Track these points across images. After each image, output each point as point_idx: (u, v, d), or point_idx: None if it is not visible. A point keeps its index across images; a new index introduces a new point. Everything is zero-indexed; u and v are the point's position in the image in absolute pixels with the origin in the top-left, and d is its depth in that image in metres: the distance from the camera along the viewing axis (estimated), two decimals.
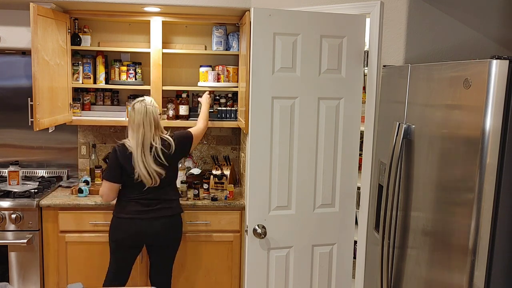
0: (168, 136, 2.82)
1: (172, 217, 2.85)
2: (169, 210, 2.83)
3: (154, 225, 2.79)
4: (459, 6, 2.30)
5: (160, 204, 2.80)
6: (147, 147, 2.72)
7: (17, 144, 3.72)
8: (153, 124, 2.74)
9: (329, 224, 2.55)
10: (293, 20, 2.31)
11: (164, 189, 2.82)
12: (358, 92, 2.48)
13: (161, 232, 2.81)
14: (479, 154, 1.44)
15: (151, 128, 2.74)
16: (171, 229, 2.86)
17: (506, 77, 1.39)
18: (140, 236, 2.80)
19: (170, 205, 2.84)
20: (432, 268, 1.71)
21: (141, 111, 2.73)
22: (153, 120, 2.74)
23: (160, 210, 2.80)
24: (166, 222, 2.82)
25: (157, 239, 2.83)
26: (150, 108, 2.75)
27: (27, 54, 3.56)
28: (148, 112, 2.73)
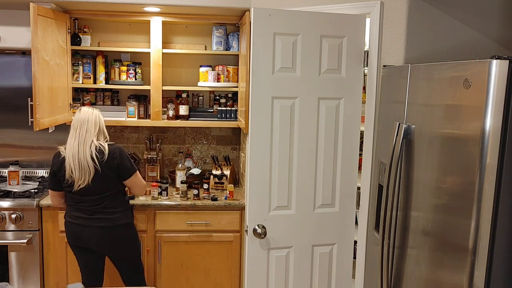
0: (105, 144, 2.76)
1: (111, 228, 2.77)
2: (108, 221, 2.76)
3: (91, 233, 2.75)
4: (459, 6, 2.30)
5: (98, 214, 2.75)
6: (88, 143, 2.71)
7: (17, 144, 3.72)
8: (97, 125, 2.77)
9: (329, 224, 2.55)
10: (293, 20, 2.31)
11: (103, 199, 2.75)
12: (358, 92, 2.48)
13: (100, 241, 2.77)
14: (479, 154, 1.44)
15: (95, 128, 2.76)
16: (112, 239, 2.79)
17: (506, 77, 1.39)
18: (80, 239, 2.79)
19: (108, 216, 2.76)
20: (432, 268, 1.71)
21: (88, 111, 2.79)
22: (98, 122, 2.78)
23: (98, 220, 2.75)
24: (104, 233, 2.76)
25: (99, 247, 2.79)
26: (96, 112, 2.81)
27: (27, 54, 3.56)
28: (94, 113, 2.80)
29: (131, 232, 2.89)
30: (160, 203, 3.21)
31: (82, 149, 2.69)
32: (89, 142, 2.71)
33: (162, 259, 3.27)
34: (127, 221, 2.84)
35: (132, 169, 2.81)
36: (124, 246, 2.86)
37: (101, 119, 2.82)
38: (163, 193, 3.29)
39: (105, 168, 2.71)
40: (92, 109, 2.82)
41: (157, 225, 3.24)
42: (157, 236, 3.25)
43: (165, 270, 3.29)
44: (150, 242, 3.25)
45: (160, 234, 3.25)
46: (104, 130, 2.84)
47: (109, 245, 2.80)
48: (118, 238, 2.81)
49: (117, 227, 2.79)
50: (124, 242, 2.85)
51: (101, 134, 2.80)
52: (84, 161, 2.68)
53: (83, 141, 2.71)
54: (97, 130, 2.76)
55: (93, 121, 2.76)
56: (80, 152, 2.69)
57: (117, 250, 2.85)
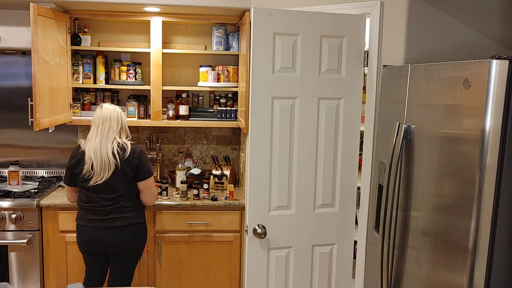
0: (128, 142, 2.76)
1: (126, 227, 2.74)
2: (123, 220, 2.73)
3: (107, 235, 2.72)
4: (459, 6, 2.30)
5: (113, 214, 2.72)
6: (110, 139, 2.70)
7: (17, 144, 3.72)
8: (120, 123, 2.76)
9: (329, 224, 2.55)
10: (293, 20, 2.31)
11: (117, 198, 2.72)
12: (358, 92, 2.48)
13: (116, 241, 2.73)
14: (479, 154, 1.44)
15: (118, 125, 2.75)
16: (127, 238, 2.75)
17: (506, 77, 1.39)
18: (94, 244, 2.75)
19: (123, 215, 2.73)
20: (432, 268, 1.71)
21: (110, 107, 2.78)
22: (120, 119, 2.77)
23: (113, 220, 2.72)
24: (117, 232, 2.73)
25: (113, 247, 2.76)
26: (117, 109, 2.80)
27: (27, 54, 3.56)
28: (116, 110, 2.78)
29: (143, 232, 2.85)
30: (160, 203, 3.21)
31: (104, 145, 2.68)
32: (112, 138, 2.70)
33: (162, 259, 3.27)
34: (141, 220, 2.83)
35: (150, 172, 2.79)
36: (136, 245, 2.83)
37: (123, 116, 2.81)
38: (163, 193, 3.29)
39: (125, 166, 2.69)
40: (113, 106, 2.80)
41: (157, 225, 3.24)
42: (157, 236, 3.25)
43: (165, 270, 3.29)
44: (150, 242, 3.24)
45: (160, 234, 3.25)
46: (126, 128, 2.82)
47: (124, 244, 2.76)
48: (132, 237, 2.78)
49: (132, 226, 2.76)
50: (137, 241, 2.82)
51: (123, 132, 2.79)
52: (106, 157, 2.65)
53: (106, 137, 2.70)
54: (119, 127, 2.76)
55: (116, 118, 2.74)
56: (102, 148, 2.67)
57: (130, 249, 2.81)
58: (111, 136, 2.71)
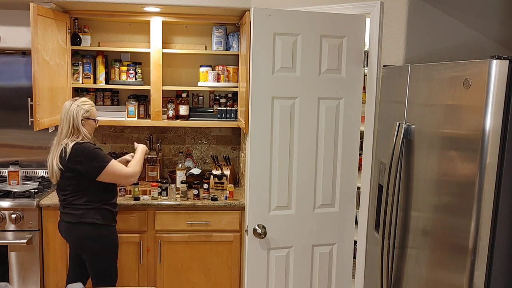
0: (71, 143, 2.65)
1: (75, 224, 2.71)
2: (72, 216, 2.71)
3: (62, 227, 2.80)
4: (459, 6, 2.30)
5: (66, 209, 2.74)
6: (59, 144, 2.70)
7: (17, 144, 3.72)
8: (70, 124, 2.68)
9: (329, 224, 2.55)
10: (293, 20, 2.31)
11: (67, 195, 2.72)
12: (358, 92, 2.48)
13: (66, 236, 2.79)
14: (479, 154, 1.44)
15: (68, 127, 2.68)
16: (76, 236, 2.74)
17: (506, 77, 1.39)
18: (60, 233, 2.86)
19: (73, 212, 2.71)
20: (432, 268, 1.71)
21: (65, 107, 2.73)
22: (71, 120, 2.68)
23: (65, 215, 2.75)
24: (68, 228, 2.75)
25: (68, 241, 2.83)
26: (73, 107, 2.70)
27: (27, 54, 3.56)
28: (70, 109, 2.70)
29: (97, 233, 2.74)
30: (160, 203, 3.21)
31: (55, 152, 2.71)
32: (60, 143, 2.69)
33: (162, 259, 3.27)
34: (94, 221, 2.72)
35: (99, 167, 2.66)
36: (88, 245, 2.76)
37: (76, 115, 2.68)
38: (163, 193, 3.29)
39: (67, 169, 2.66)
40: (70, 103, 2.71)
41: (157, 225, 3.24)
42: (157, 236, 3.25)
43: (165, 270, 3.29)
44: (150, 242, 3.24)
45: (160, 234, 3.25)
46: (79, 127, 2.69)
47: (73, 241, 2.78)
48: (81, 235, 2.73)
49: (81, 224, 2.71)
50: (88, 241, 2.74)
51: (75, 133, 2.69)
52: (52, 165, 2.69)
53: (58, 143, 2.72)
54: (70, 129, 2.68)
55: (66, 120, 2.69)
56: (52, 155, 2.71)
57: (81, 248, 2.78)
58: (60, 140, 2.70)
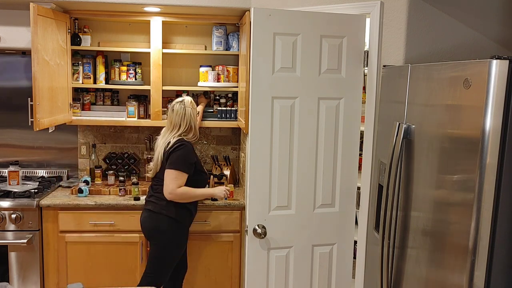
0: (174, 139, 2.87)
1: (154, 213, 2.87)
2: (154, 205, 2.88)
3: (142, 215, 2.96)
4: (459, 6, 2.30)
5: (150, 197, 2.93)
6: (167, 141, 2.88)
7: (17, 144, 3.72)
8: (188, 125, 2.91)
9: (329, 224, 2.55)
10: (293, 20, 2.31)
11: (157, 182, 2.91)
12: (358, 92, 2.48)
13: (142, 222, 2.94)
14: (479, 154, 1.44)
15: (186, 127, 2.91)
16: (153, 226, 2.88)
17: (506, 77, 1.39)
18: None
19: (156, 201, 2.88)
20: (432, 268, 1.71)
21: (179, 110, 2.92)
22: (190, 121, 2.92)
23: (148, 203, 2.93)
24: (146, 216, 2.91)
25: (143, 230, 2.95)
26: (187, 109, 2.92)
27: (27, 54, 3.56)
28: (186, 111, 2.92)
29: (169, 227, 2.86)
30: None
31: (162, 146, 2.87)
32: (169, 139, 2.87)
33: None
34: (170, 216, 2.84)
35: (172, 164, 2.81)
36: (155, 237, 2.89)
37: (193, 116, 2.93)
38: None
39: (165, 158, 2.84)
40: (183, 108, 2.91)
41: None
42: None
43: None
44: None
45: None
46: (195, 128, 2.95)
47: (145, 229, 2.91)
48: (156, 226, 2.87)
49: (159, 215, 2.85)
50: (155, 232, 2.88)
51: (190, 132, 2.92)
52: (157, 158, 2.87)
53: (166, 138, 2.88)
54: (185, 129, 2.90)
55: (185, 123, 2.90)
56: (159, 151, 2.88)
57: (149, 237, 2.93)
58: (168, 138, 2.89)
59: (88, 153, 3.76)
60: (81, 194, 3.26)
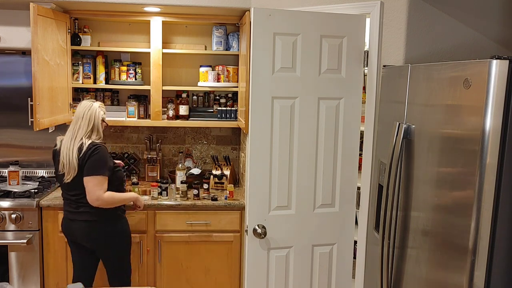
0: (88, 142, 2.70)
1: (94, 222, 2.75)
2: (91, 214, 2.74)
3: (77, 226, 2.77)
4: (459, 6, 2.30)
5: (82, 208, 2.74)
6: (77, 140, 2.70)
7: (17, 144, 3.72)
8: (92, 122, 2.74)
9: (329, 224, 2.55)
10: (293, 20, 2.31)
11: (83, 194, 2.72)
12: (358, 92, 2.48)
13: (84, 235, 2.78)
14: (479, 154, 1.44)
15: (88, 125, 2.73)
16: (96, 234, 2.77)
17: (506, 77, 1.39)
18: (69, 233, 2.83)
19: (92, 210, 2.73)
20: (432, 268, 1.71)
21: (86, 105, 2.78)
22: (93, 119, 2.75)
23: (83, 214, 2.75)
24: (87, 226, 2.76)
25: (84, 241, 2.80)
26: (94, 107, 2.78)
27: (27, 54, 3.56)
28: (92, 108, 2.76)
29: (114, 228, 2.81)
30: (160, 203, 3.21)
31: (71, 145, 2.69)
32: (79, 139, 2.70)
33: (162, 259, 3.27)
34: (111, 217, 2.78)
35: (92, 170, 2.67)
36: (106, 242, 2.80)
37: (98, 115, 2.77)
38: (163, 193, 3.29)
39: (81, 165, 2.68)
40: (91, 103, 2.78)
41: (157, 225, 3.23)
42: (157, 236, 3.25)
43: (165, 270, 3.29)
44: (150, 242, 3.24)
45: (160, 234, 3.25)
46: (99, 127, 2.78)
47: (92, 239, 2.78)
48: (101, 233, 2.77)
49: (100, 221, 2.75)
50: (106, 238, 2.79)
51: (94, 132, 2.75)
52: (70, 158, 2.67)
53: (74, 138, 2.71)
54: (90, 127, 2.74)
55: (88, 118, 2.73)
56: (69, 148, 2.68)
57: (99, 245, 2.81)
58: (78, 137, 2.71)
59: None
60: None
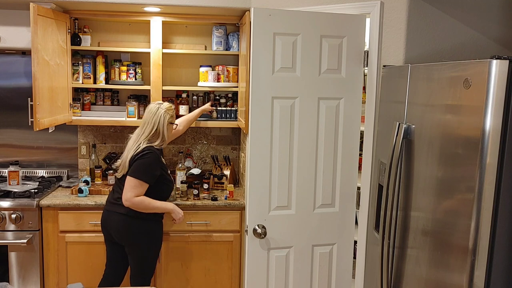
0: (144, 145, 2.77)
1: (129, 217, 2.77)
2: (124, 209, 2.76)
3: (110, 218, 2.82)
4: (459, 6, 2.30)
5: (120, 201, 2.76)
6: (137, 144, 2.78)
7: (17, 144, 3.71)
8: (154, 127, 2.82)
9: (329, 224, 2.55)
10: (293, 20, 2.31)
11: None
12: (358, 92, 2.48)
13: (113, 227, 2.81)
14: (479, 154, 1.44)
15: (151, 130, 2.81)
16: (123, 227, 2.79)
17: (506, 77, 1.40)
18: (104, 226, 2.87)
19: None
20: (432, 268, 1.71)
21: (152, 110, 2.85)
22: (157, 124, 2.82)
23: (117, 206, 2.79)
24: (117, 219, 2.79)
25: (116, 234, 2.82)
26: (160, 111, 2.84)
27: (27, 54, 3.56)
28: (157, 113, 2.83)
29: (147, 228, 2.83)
30: None
31: (132, 147, 2.79)
32: (139, 142, 2.79)
33: (162, 259, 3.27)
34: (147, 216, 2.80)
35: (134, 173, 2.72)
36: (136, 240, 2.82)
37: (163, 120, 2.82)
38: None
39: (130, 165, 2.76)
40: (157, 108, 2.84)
41: None
42: None
43: (165, 270, 3.29)
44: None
45: None
46: (164, 132, 2.84)
47: (123, 234, 2.80)
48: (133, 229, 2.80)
49: (135, 218, 2.77)
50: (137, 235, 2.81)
51: (157, 137, 2.83)
52: (125, 158, 2.78)
53: (137, 141, 2.80)
54: (153, 132, 2.82)
55: (152, 123, 2.81)
56: (129, 150, 2.80)
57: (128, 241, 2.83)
58: (139, 141, 2.80)
59: (88, 153, 3.76)
60: (81, 194, 3.26)
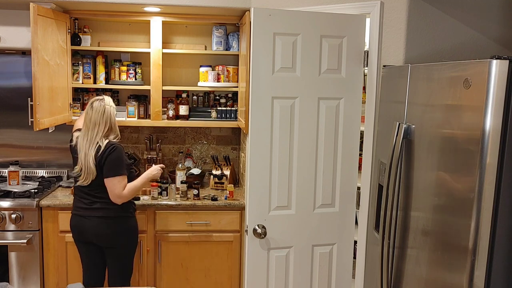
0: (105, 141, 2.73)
1: (112, 218, 2.76)
2: (107, 211, 2.75)
3: (91, 224, 2.75)
4: (459, 6, 2.30)
5: (97, 204, 2.75)
6: (94, 144, 2.72)
7: (17, 144, 3.72)
8: (108, 124, 2.76)
9: (329, 224, 2.55)
10: (293, 20, 2.31)
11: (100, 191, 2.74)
12: (358, 92, 2.48)
13: (98, 232, 2.76)
14: (479, 154, 1.44)
15: (105, 127, 2.75)
16: (108, 231, 2.76)
17: (506, 77, 1.40)
18: (81, 232, 2.80)
19: (107, 207, 2.75)
20: (432, 268, 1.71)
21: (99, 109, 2.75)
22: (109, 120, 2.76)
23: (97, 210, 2.75)
24: (101, 222, 2.75)
25: (98, 238, 2.78)
26: (107, 108, 2.77)
27: (27, 54, 3.56)
28: (106, 111, 2.76)
29: (125, 226, 2.82)
30: (160, 203, 3.21)
31: (89, 151, 2.70)
32: (95, 142, 2.72)
33: (162, 259, 3.27)
34: (123, 215, 2.80)
35: (112, 171, 2.70)
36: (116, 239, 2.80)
37: (112, 115, 2.79)
38: (163, 193, 3.29)
39: (98, 165, 2.70)
40: (103, 107, 2.77)
41: (157, 225, 3.24)
42: (157, 236, 3.25)
43: (165, 270, 3.29)
44: (150, 242, 3.24)
45: (160, 234, 3.25)
46: (115, 127, 2.81)
47: (103, 236, 2.76)
48: (112, 229, 2.77)
49: (112, 218, 2.76)
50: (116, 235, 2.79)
51: (111, 132, 2.78)
52: (88, 164, 2.68)
53: (92, 142, 2.72)
54: (106, 129, 2.76)
55: (104, 123, 2.75)
56: (87, 154, 2.70)
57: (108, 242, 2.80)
58: (95, 141, 2.72)
59: None
60: None
